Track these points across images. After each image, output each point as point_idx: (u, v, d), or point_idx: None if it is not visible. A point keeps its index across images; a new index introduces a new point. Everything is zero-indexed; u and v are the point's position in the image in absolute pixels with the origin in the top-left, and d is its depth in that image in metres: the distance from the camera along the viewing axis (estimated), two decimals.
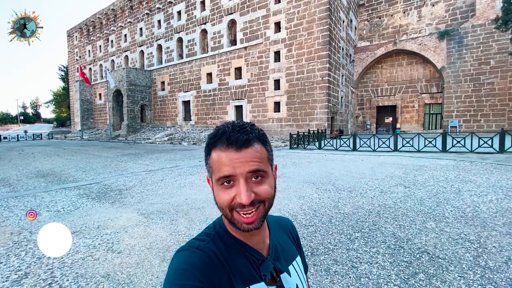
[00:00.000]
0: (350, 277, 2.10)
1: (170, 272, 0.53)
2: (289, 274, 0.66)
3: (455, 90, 19.42)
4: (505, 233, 2.85)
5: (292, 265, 0.70)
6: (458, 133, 17.39)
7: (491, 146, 8.83)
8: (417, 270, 2.17)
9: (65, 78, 51.66)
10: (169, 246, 2.71)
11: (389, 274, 2.13)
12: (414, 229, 3.00)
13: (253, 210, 0.56)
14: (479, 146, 9.03)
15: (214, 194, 0.60)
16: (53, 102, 61.79)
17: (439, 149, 9.63)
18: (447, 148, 9.50)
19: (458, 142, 9.41)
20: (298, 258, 0.73)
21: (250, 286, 0.58)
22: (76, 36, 38.98)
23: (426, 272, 2.15)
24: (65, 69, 51.82)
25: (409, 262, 2.30)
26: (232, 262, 0.58)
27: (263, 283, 0.60)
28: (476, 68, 18.63)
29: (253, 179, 0.56)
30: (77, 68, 36.92)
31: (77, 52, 39.14)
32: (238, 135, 0.56)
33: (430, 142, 9.76)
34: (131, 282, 2.11)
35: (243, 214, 0.56)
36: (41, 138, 32.22)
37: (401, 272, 2.16)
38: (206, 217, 3.56)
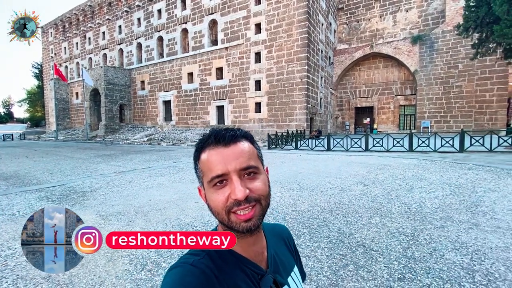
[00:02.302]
0: None
1: None
2: (289, 287, 0.64)
3: (427, 93, 20.40)
4: (439, 226, 3.10)
5: (291, 276, 0.67)
6: (430, 133, 18.25)
7: (452, 146, 9.40)
8: (349, 262, 2.34)
9: (39, 76, 49.30)
10: None
11: (322, 266, 2.28)
12: (359, 224, 3.20)
13: (250, 207, 0.54)
14: (442, 145, 9.58)
15: (207, 202, 0.57)
16: (27, 101, 58.83)
17: (406, 149, 10.12)
18: (414, 147, 10.01)
19: (423, 142, 9.93)
20: (296, 268, 0.71)
21: None
22: (51, 33, 37.33)
23: (356, 263, 2.32)
24: (39, 67, 49.46)
25: (344, 255, 2.47)
26: (230, 278, 0.54)
27: None
28: (446, 72, 19.65)
29: (246, 176, 0.55)
30: (52, 65, 35.34)
31: (52, 49, 37.49)
32: (224, 132, 0.57)
33: (398, 142, 10.24)
34: (71, 283, 2.13)
35: (240, 212, 0.53)
36: (12, 139, 30.59)
37: (334, 264, 2.31)
38: (165, 217, 3.60)
